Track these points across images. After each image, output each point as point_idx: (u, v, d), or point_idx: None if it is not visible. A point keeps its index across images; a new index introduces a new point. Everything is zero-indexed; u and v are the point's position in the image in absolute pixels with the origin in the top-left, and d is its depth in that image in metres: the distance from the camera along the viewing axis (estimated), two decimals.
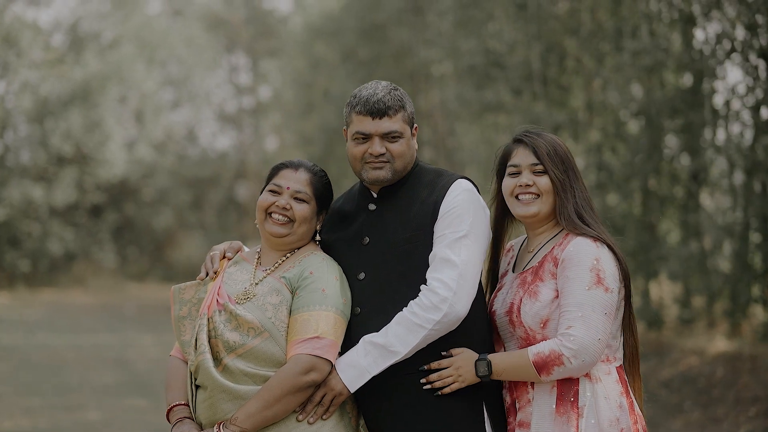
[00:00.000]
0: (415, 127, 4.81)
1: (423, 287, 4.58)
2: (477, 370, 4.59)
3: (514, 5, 15.01)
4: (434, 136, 21.22)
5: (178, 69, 34.75)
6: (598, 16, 14.27)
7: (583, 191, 4.78)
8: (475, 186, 4.79)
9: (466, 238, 4.61)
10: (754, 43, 12.05)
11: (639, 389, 4.79)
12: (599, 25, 14.20)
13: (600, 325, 4.48)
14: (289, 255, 4.77)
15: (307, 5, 33.44)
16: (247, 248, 4.95)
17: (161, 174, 33.26)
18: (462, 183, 4.74)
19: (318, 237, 4.85)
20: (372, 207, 4.81)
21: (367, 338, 4.57)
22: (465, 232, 4.61)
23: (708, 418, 10.35)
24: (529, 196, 4.71)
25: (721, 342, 12.40)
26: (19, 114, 30.25)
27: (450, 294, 4.52)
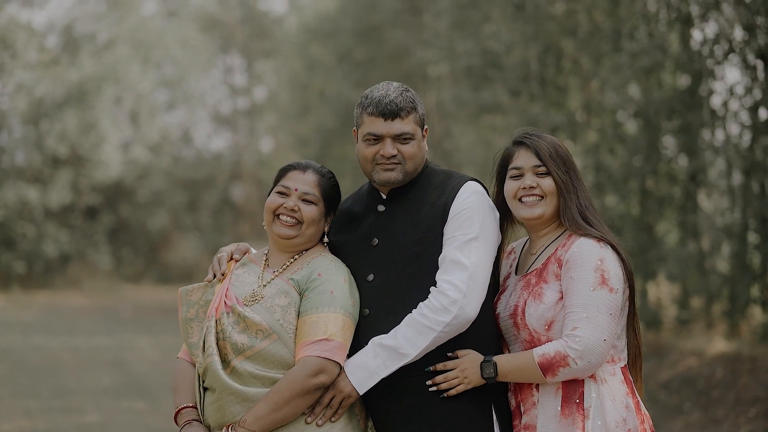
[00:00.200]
0: (425, 129, 4.80)
1: (433, 289, 4.57)
2: (482, 371, 4.58)
3: (511, 6, 14.99)
4: (431, 137, 21.16)
5: (173, 70, 34.66)
6: (595, 17, 14.25)
7: (585, 192, 4.78)
8: (485, 188, 4.79)
9: (476, 241, 4.60)
10: (753, 44, 12.04)
11: (640, 390, 4.78)
12: (596, 26, 14.19)
13: (605, 326, 4.48)
14: (297, 257, 4.76)
15: (302, 6, 33.43)
16: (254, 250, 4.94)
17: (156, 175, 33.18)
18: (472, 185, 4.73)
19: (326, 239, 4.84)
20: (381, 208, 4.80)
21: (376, 340, 4.56)
22: (475, 235, 4.61)
23: (708, 419, 10.34)
24: (533, 198, 4.70)
25: (720, 343, 12.39)
26: (13, 115, 30.16)
27: (460, 296, 4.51)
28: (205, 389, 4.63)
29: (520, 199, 4.72)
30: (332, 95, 23.81)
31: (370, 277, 4.69)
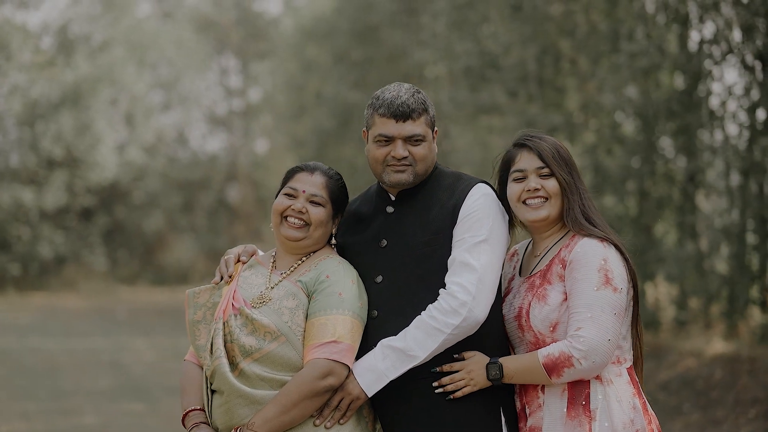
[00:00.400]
0: (435, 130, 4.79)
1: (442, 291, 4.56)
2: (488, 373, 4.57)
3: (509, 7, 14.98)
4: None
5: (168, 71, 34.64)
6: (593, 18, 14.24)
7: (587, 192, 4.77)
8: (494, 190, 4.78)
9: (486, 243, 4.59)
10: (751, 45, 12.03)
11: None
12: (594, 27, 14.17)
13: (610, 326, 4.47)
14: (304, 259, 4.74)
15: (298, 7, 33.40)
16: (261, 252, 4.92)
17: (152, 177, 33.14)
18: (482, 187, 4.72)
19: (333, 241, 4.82)
20: (390, 209, 4.78)
21: (384, 342, 4.55)
22: (484, 237, 4.59)
23: (708, 420, 10.33)
24: (538, 200, 4.69)
25: (719, 344, 12.38)
26: (9, 117, 30.13)
27: (469, 298, 4.50)
28: (213, 392, 4.62)
29: (524, 202, 4.70)
30: (329, 96, 23.75)
31: (379, 279, 4.68)
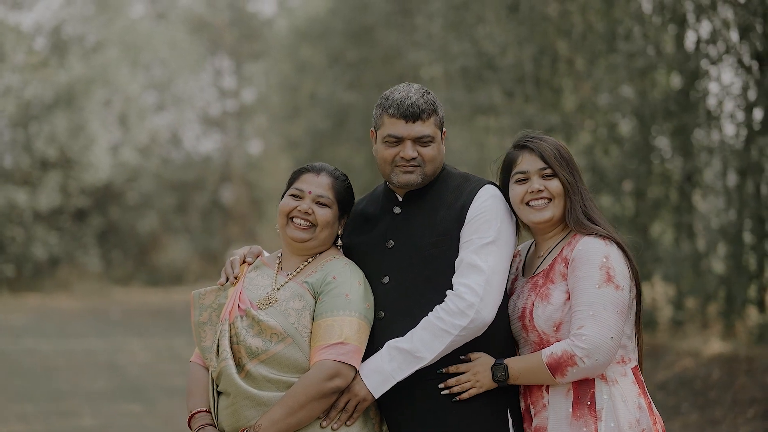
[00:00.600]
0: (444, 131, 4.77)
1: (449, 292, 4.55)
2: (494, 375, 4.56)
3: (505, 7, 14.96)
4: None
5: (162, 72, 34.59)
6: (589, 18, 14.23)
7: (588, 192, 4.77)
8: (502, 192, 4.77)
9: (493, 244, 4.59)
10: (748, 45, 12.03)
11: None
12: (591, 27, 14.17)
13: (612, 323, 4.46)
14: (310, 260, 4.73)
15: (292, 8, 33.37)
16: (267, 253, 4.91)
17: (146, 178, 33.09)
18: (489, 189, 4.71)
19: (340, 242, 4.82)
20: (397, 210, 4.78)
21: (391, 343, 4.54)
22: (492, 238, 4.59)
23: (706, 420, 10.33)
24: (541, 201, 4.68)
25: (716, 344, 12.38)
26: (2, 118, 30.03)
27: (477, 300, 4.50)
28: (219, 393, 4.61)
29: (527, 204, 4.69)
30: (323, 97, 23.73)
31: (386, 280, 4.67)
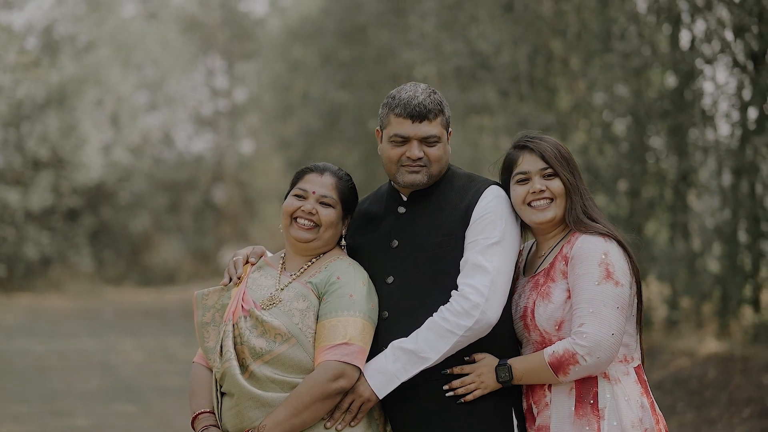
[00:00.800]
0: (450, 131, 4.76)
1: (454, 293, 4.53)
2: (498, 375, 4.55)
3: (499, 6, 14.94)
4: None
5: (154, 72, 34.56)
6: (584, 17, 14.22)
7: (588, 191, 4.76)
8: (507, 193, 4.76)
9: (499, 245, 4.57)
10: (743, 44, 12.04)
11: None
12: (585, 26, 14.16)
13: (613, 320, 4.44)
14: (314, 260, 4.72)
15: (284, 8, 33.33)
16: (270, 253, 4.89)
17: (138, 177, 33.06)
18: (494, 189, 4.70)
19: (343, 242, 4.80)
20: (402, 210, 4.76)
21: (396, 344, 4.52)
22: (497, 239, 4.58)
23: (702, 419, 10.33)
24: (543, 202, 4.67)
25: (711, 343, 12.39)
26: None
27: (482, 300, 4.48)
28: (223, 394, 4.59)
29: (529, 204, 4.68)
30: (316, 97, 23.71)
31: (390, 280, 4.66)
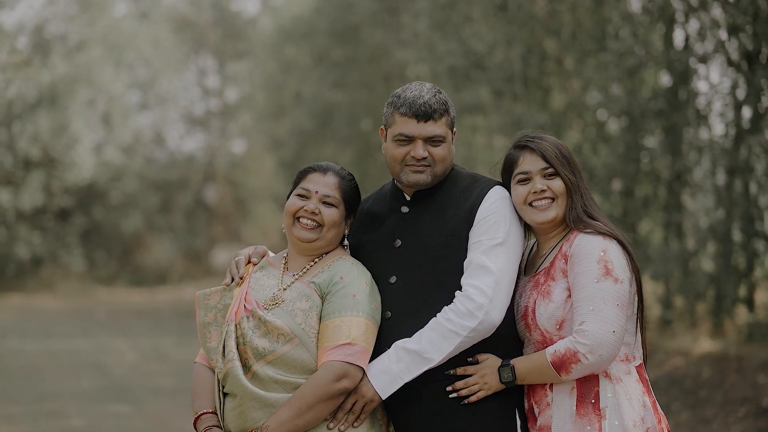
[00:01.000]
0: (454, 131, 4.74)
1: (458, 293, 4.51)
2: (501, 376, 4.53)
3: (493, 6, 14.94)
4: None
5: (145, 71, 34.52)
6: (578, 16, 14.23)
7: (588, 191, 4.74)
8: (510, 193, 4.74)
9: (503, 246, 4.56)
10: (737, 43, 12.05)
11: None
12: (580, 25, 14.16)
13: (613, 317, 4.42)
14: (317, 260, 4.69)
15: (276, 8, 33.31)
16: (272, 253, 4.87)
17: (129, 177, 33.04)
18: (498, 190, 4.69)
19: (346, 242, 4.78)
20: (405, 209, 4.74)
21: (399, 344, 4.50)
22: (501, 240, 4.56)
23: (697, 419, 10.34)
24: (545, 202, 4.65)
25: (705, 342, 12.40)
26: None
27: (486, 301, 4.46)
28: (225, 395, 4.56)
29: (530, 204, 4.66)
30: (308, 96, 23.70)
31: (393, 279, 4.64)
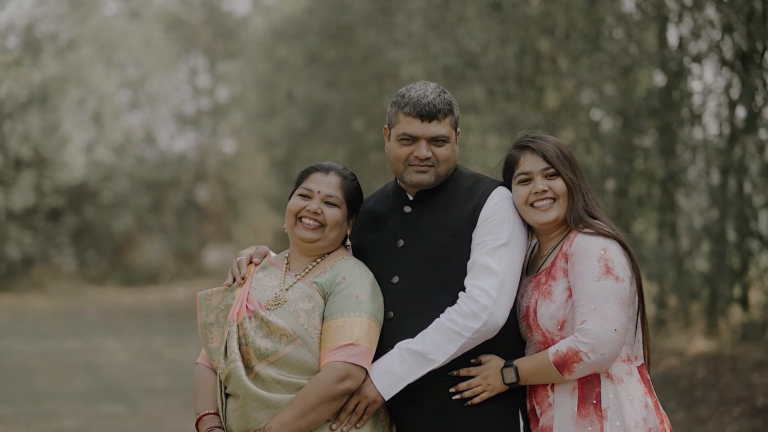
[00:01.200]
0: (458, 131, 4.73)
1: (462, 294, 4.50)
2: (504, 377, 4.52)
3: (487, 5, 14.93)
4: None
5: (136, 71, 34.48)
6: (572, 16, 14.23)
7: (589, 190, 4.73)
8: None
9: (506, 247, 4.54)
10: (731, 43, 12.06)
11: None
12: (573, 25, 14.17)
13: (614, 316, 4.41)
14: (319, 260, 4.67)
15: (268, 7, 33.29)
16: (273, 253, 4.85)
17: (120, 177, 33.01)
18: (502, 190, 4.67)
19: (348, 242, 4.76)
20: (407, 209, 4.72)
21: (402, 345, 4.48)
22: (505, 240, 4.55)
23: (692, 419, 10.34)
24: (546, 202, 4.63)
25: (700, 342, 12.42)
26: None
27: (490, 302, 4.45)
28: (227, 395, 4.54)
29: (532, 204, 4.65)
30: (300, 96, 23.70)
31: (395, 279, 4.62)
